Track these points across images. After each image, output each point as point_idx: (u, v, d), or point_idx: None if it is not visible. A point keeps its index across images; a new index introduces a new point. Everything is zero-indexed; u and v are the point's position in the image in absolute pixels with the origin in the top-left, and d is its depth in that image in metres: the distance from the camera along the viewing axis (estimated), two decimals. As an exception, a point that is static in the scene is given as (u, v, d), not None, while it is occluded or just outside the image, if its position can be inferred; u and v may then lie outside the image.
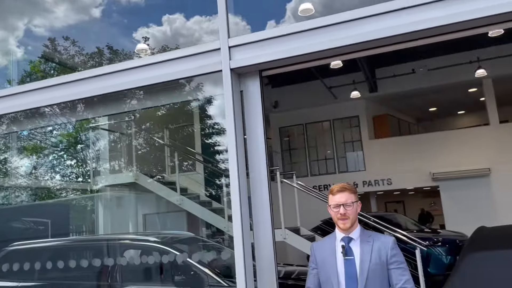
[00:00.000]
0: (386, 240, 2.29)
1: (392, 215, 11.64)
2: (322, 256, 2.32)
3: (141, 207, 8.77)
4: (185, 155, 9.58)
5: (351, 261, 2.21)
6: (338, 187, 2.36)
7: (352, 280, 2.18)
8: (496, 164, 12.90)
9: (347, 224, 2.26)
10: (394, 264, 2.21)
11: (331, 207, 2.32)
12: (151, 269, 4.67)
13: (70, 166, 9.71)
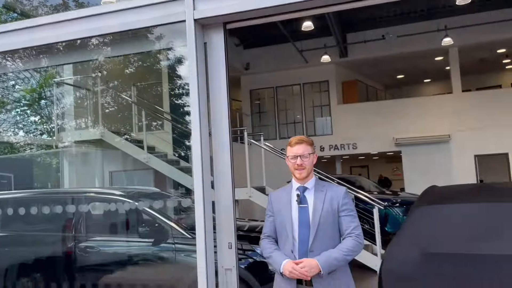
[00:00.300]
0: (339, 190, 2.39)
1: (355, 178, 12.04)
2: (279, 205, 2.41)
3: (108, 164, 8.73)
4: (153, 113, 9.51)
5: (305, 209, 2.31)
6: (296, 139, 2.43)
7: (304, 226, 2.28)
8: (456, 131, 13.43)
9: (303, 174, 2.34)
10: (344, 212, 2.31)
11: (289, 158, 2.40)
12: (115, 221, 4.75)
13: (34, 122, 9.47)
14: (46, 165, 8.27)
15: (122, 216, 4.79)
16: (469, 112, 13.31)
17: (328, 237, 2.29)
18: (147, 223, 4.53)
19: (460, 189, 3.95)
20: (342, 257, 2.24)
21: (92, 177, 8.33)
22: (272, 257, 2.36)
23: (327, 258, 2.22)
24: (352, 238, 2.28)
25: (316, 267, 2.19)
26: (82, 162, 8.52)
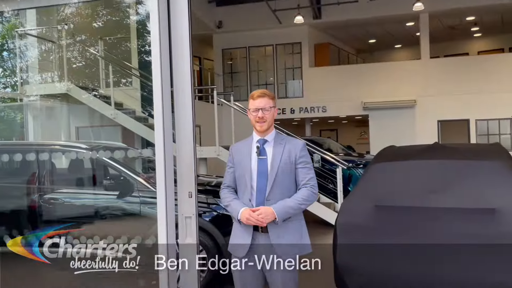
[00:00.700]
0: (297, 143, 2.47)
1: (323, 140, 12.30)
2: (239, 156, 2.48)
3: (74, 119, 8.60)
4: (121, 69, 9.32)
5: (263, 161, 2.39)
6: (258, 92, 2.46)
7: (263, 176, 2.38)
8: (422, 97, 13.81)
9: (264, 126, 2.40)
10: (301, 164, 2.41)
11: (251, 110, 2.44)
12: (80, 174, 4.77)
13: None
14: (9, 118, 8.06)
15: (88, 169, 4.83)
16: (435, 78, 13.66)
17: (285, 187, 2.38)
18: (112, 176, 4.58)
19: (414, 149, 4.17)
20: (296, 206, 2.35)
21: (58, 132, 8.20)
22: (231, 205, 2.43)
23: (283, 206, 2.32)
24: (307, 189, 2.38)
25: (271, 214, 2.29)
26: (47, 116, 8.35)
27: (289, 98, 15.32)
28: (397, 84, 13.92)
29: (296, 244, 2.40)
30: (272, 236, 2.34)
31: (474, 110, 13.37)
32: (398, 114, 13.91)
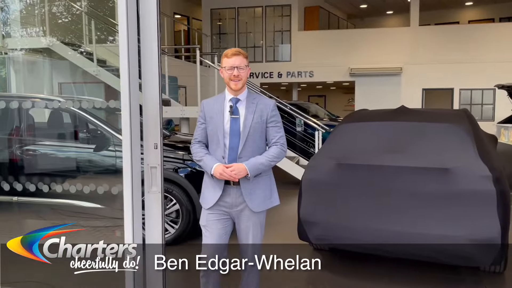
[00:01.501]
0: (268, 102, 2.53)
1: (307, 104, 12.42)
2: (211, 113, 2.52)
3: (57, 75, 8.56)
4: (105, 25, 9.20)
5: (236, 119, 2.46)
6: (233, 51, 2.48)
7: (235, 135, 2.46)
8: (408, 64, 13.87)
9: (239, 85, 2.44)
10: (272, 123, 2.49)
11: (226, 69, 2.46)
12: (58, 127, 4.86)
13: (-24, 26, 8.96)
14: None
15: (66, 123, 4.91)
16: (423, 46, 13.68)
17: (255, 145, 2.47)
18: (89, 130, 4.68)
19: (381, 112, 4.30)
20: (267, 163, 2.45)
21: (40, 87, 8.19)
22: (204, 160, 2.51)
23: (254, 163, 2.42)
24: (277, 146, 2.48)
25: (244, 170, 2.39)
26: (29, 71, 8.30)
27: (277, 62, 15.28)
28: (385, 51, 13.93)
29: (266, 198, 2.53)
30: (245, 191, 2.46)
31: (459, 79, 13.50)
32: (384, 81, 14.00)
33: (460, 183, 3.19)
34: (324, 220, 3.55)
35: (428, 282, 3.55)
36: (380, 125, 3.77)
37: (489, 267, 3.62)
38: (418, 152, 3.40)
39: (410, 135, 3.54)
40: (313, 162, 3.84)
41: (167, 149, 4.78)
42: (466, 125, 3.57)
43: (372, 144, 3.57)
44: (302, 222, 3.71)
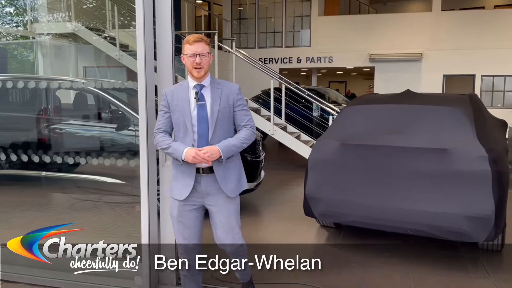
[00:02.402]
0: (233, 87, 2.50)
1: (324, 90, 12.45)
2: (176, 101, 2.47)
3: (81, 59, 8.91)
4: (128, 11, 9.49)
5: (203, 106, 2.42)
6: (194, 37, 2.42)
7: (203, 121, 2.42)
8: (428, 50, 13.73)
9: (201, 72, 2.40)
10: (239, 107, 2.47)
11: (188, 55, 2.40)
12: (83, 107, 5.18)
13: (7, 13, 9.39)
14: (20, 55, 8.42)
15: (91, 104, 5.23)
16: (444, 32, 13.50)
17: (225, 130, 2.45)
18: (112, 111, 4.98)
19: (386, 96, 4.44)
20: (239, 144, 2.44)
21: (66, 70, 8.55)
22: (172, 146, 2.44)
23: (227, 145, 2.39)
24: (247, 129, 2.47)
25: (217, 152, 2.36)
26: (56, 55, 8.67)
27: (296, 47, 15.33)
28: (405, 37, 13.81)
29: (238, 182, 2.52)
30: (219, 177, 2.44)
31: (481, 66, 13.30)
32: (404, 67, 13.91)
33: (457, 163, 3.34)
34: (328, 196, 3.76)
35: (427, 258, 3.73)
36: (383, 107, 3.92)
37: (486, 245, 3.78)
38: (418, 133, 3.56)
39: (411, 118, 3.68)
40: (319, 142, 4.03)
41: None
42: (466, 108, 3.69)
43: (374, 126, 3.74)
44: (307, 198, 3.92)
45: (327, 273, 3.48)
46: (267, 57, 15.58)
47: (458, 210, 3.29)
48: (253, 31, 15.95)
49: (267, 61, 15.51)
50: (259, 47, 15.89)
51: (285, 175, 7.44)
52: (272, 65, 15.23)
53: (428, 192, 3.40)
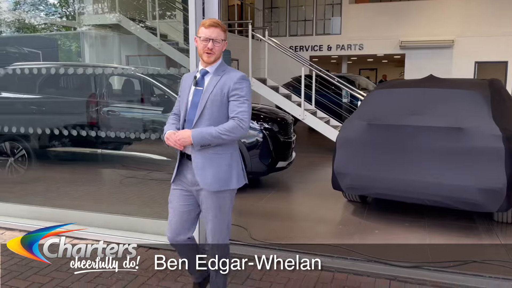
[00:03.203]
0: (233, 75, 2.33)
1: (354, 77, 12.69)
2: (183, 86, 2.43)
3: (124, 48, 9.52)
4: (166, 2, 10.02)
5: (199, 91, 2.33)
6: (211, 21, 2.32)
7: (194, 107, 2.32)
8: (460, 37, 13.69)
9: (211, 58, 2.31)
10: (233, 97, 2.30)
11: (201, 39, 2.31)
12: (132, 92, 5.75)
13: (54, 5, 10.10)
14: (68, 45, 9.10)
15: (138, 89, 5.80)
16: (476, 18, 13.42)
17: (213, 120, 2.29)
18: (158, 95, 5.53)
19: (410, 80, 4.77)
20: (216, 134, 2.24)
21: (110, 59, 9.19)
22: (165, 128, 2.42)
23: (201, 131, 2.25)
24: (234, 120, 2.27)
25: (188, 137, 2.24)
26: (101, 45, 9.31)
27: (327, 35, 15.55)
28: (436, 24, 13.81)
29: (222, 178, 2.33)
30: (195, 165, 2.31)
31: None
32: (435, 54, 13.94)
33: (473, 141, 3.68)
34: (354, 171, 4.18)
35: (444, 228, 4.11)
36: (407, 91, 4.28)
37: (501, 218, 4.12)
38: (437, 114, 3.91)
39: (432, 100, 4.03)
40: (347, 123, 4.44)
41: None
42: (484, 92, 4.00)
43: (398, 108, 4.11)
44: (335, 173, 4.35)
45: (352, 237, 3.93)
46: (298, 45, 15.88)
47: (473, 183, 3.65)
48: (284, 20, 16.25)
49: (298, 49, 15.82)
50: (290, 35, 16.20)
51: (314, 158, 7.86)
52: (302, 52, 15.53)
53: (445, 167, 3.76)
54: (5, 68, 5.61)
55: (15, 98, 5.71)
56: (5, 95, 5.75)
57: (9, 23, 7.86)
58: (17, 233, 4.09)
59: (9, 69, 5.63)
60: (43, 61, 7.41)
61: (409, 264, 3.24)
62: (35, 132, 5.06)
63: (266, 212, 4.71)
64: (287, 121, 5.96)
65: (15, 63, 5.88)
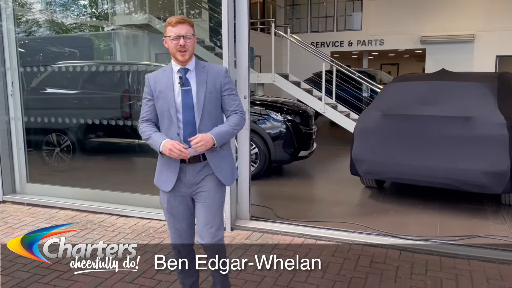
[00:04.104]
0: (220, 69, 2.34)
1: (375, 72, 12.96)
2: (159, 88, 2.28)
3: (153, 46, 10.07)
4: (192, 2, 10.53)
5: (188, 91, 2.25)
6: (177, 19, 2.25)
7: (189, 108, 2.25)
8: (480, 31, 13.77)
9: (186, 56, 2.24)
10: (227, 92, 2.31)
11: (171, 38, 2.24)
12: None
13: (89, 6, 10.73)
14: (102, 44, 9.69)
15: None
16: (496, 11, 13.47)
17: (213, 116, 2.30)
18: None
19: (423, 74, 5.11)
20: (231, 131, 2.29)
21: (140, 56, 9.75)
22: (152, 137, 2.27)
23: (219, 131, 2.24)
24: (237, 114, 2.32)
25: (211, 140, 2.20)
26: (133, 43, 9.89)
27: (348, 31, 15.80)
28: (457, 18, 13.91)
29: (230, 172, 2.39)
30: (213, 165, 2.30)
31: (536, 46, 13.23)
32: (456, 49, 14.06)
33: (480, 128, 4.02)
34: (370, 158, 4.56)
35: (454, 209, 4.45)
36: (420, 84, 4.62)
37: (508, 201, 4.44)
38: (448, 105, 4.25)
39: (443, 92, 4.37)
40: (364, 114, 4.82)
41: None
42: (492, 84, 4.32)
43: (411, 99, 4.46)
44: (353, 160, 4.74)
45: (369, 217, 4.31)
46: (319, 41, 16.19)
47: (480, 167, 4.00)
48: (306, 16, 16.58)
49: (319, 45, 16.14)
50: (311, 31, 16.52)
51: (334, 149, 8.23)
52: (323, 48, 15.85)
53: (455, 152, 4.12)
54: (51, 67, 6.20)
55: (60, 93, 6.28)
56: (51, 91, 6.32)
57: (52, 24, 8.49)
58: (69, 212, 4.65)
59: (54, 67, 6.22)
60: (80, 59, 8.00)
61: (418, 237, 3.63)
62: (78, 124, 5.62)
63: (289, 196, 5.14)
64: (308, 113, 6.37)
65: (58, 61, 6.46)
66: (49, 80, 6.18)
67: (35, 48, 7.02)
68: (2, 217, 4.49)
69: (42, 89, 6.22)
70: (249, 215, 4.11)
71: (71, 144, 6.11)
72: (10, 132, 5.16)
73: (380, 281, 3.00)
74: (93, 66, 6.00)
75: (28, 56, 6.24)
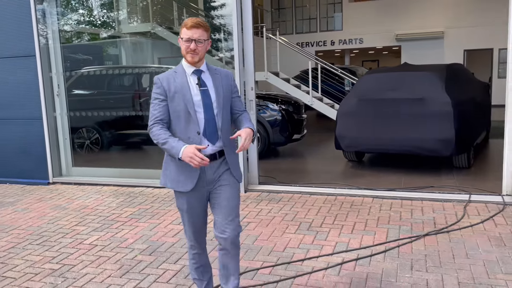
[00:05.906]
0: (228, 73, 2.45)
1: (355, 68, 14.22)
2: (173, 89, 2.30)
3: (156, 51, 11.20)
4: (190, 10, 11.67)
5: (205, 91, 2.30)
6: (192, 22, 2.28)
7: (208, 108, 2.31)
8: (449, 28, 15.16)
9: (195, 58, 2.28)
10: (235, 93, 2.45)
11: (183, 40, 2.30)
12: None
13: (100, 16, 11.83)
14: (110, 51, 10.79)
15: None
16: (463, 10, 14.85)
17: (226, 117, 2.40)
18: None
19: (390, 67, 6.39)
20: (253, 127, 2.40)
21: (145, 60, 10.87)
22: (169, 142, 2.23)
23: (251, 124, 2.37)
24: (247, 113, 2.48)
25: (251, 132, 2.29)
26: (139, 49, 11.02)
27: (330, 31, 17.07)
28: (428, 17, 15.27)
29: (240, 168, 2.48)
30: (230, 161, 2.39)
31: (499, 39, 14.59)
32: (428, 45, 15.40)
33: (431, 106, 5.28)
34: (350, 134, 5.80)
35: (416, 171, 5.71)
36: (386, 75, 5.87)
37: (459, 163, 5.72)
38: (406, 89, 5.52)
39: (403, 80, 5.64)
40: (344, 100, 6.05)
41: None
42: (440, 73, 5.59)
43: (380, 86, 5.72)
44: (337, 137, 5.98)
45: (350, 179, 5.54)
46: (304, 41, 17.45)
47: (432, 136, 5.26)
48: (291, 19, 17.82)
49: (304, 45, 17.40)
50: (296, 33, 17.77)
51: (322, 135, 9.48)
52: (308, 48, 17.12)
53: (414, 126, 5.38)
54: (80, 71, 7.33)
55: (88, 94, 7.38)
56: (80, 92, 7.42)
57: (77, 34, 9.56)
58: (112, 187, 5.78)
59: (83, 71, 7.35)
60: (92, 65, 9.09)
61: (387, 188, 4.87)
62: (104, 119, 6.74)
63: (287, 169, 6.35)
64: (299, 103, 7.61)
65: (85, 67, 7.58)
66: (78, 82, 7.30)
67: (70, 55, 8.13)
68: (58, 193, 5.61)
69: (82, 89, 7.38)
70: (258, 180, 5.30)
71: (99, 137, 7.23)
72: (56, 126, 6.28)
73: (358, 215, 4.21)
74: (115, 70, 7.12)
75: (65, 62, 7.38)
